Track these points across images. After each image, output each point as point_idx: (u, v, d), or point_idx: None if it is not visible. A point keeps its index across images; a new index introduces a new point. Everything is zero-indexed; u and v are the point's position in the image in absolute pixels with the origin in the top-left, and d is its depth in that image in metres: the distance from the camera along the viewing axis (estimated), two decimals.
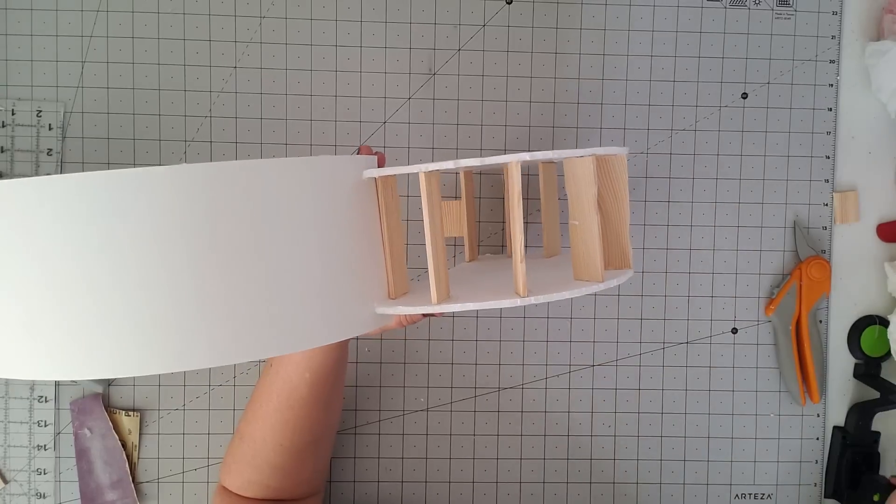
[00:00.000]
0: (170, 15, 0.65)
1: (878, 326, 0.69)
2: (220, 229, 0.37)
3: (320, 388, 0.55)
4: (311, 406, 0.56)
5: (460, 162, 0.44)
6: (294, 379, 0.55)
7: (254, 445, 0.57)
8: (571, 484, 0.69)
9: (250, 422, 0.57)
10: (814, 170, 0.69)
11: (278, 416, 0.56)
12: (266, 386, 0.56)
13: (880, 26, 0.68)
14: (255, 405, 0.57)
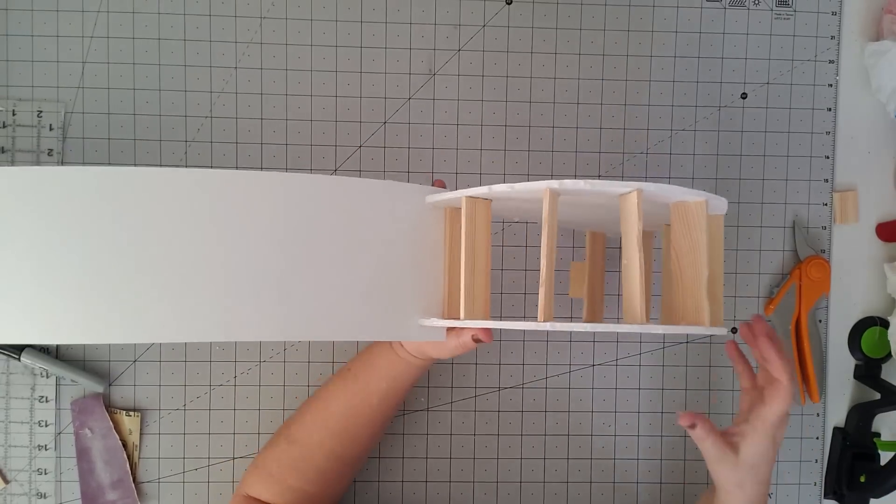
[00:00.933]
0: (170, 15, 0.65)
1: (878, 328, 0.69)
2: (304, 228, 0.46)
3: (389, 402, 0.59)
4: (375, 417, 0.59)
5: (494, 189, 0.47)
6: (371, 385, 0.58)
7: (307, 449, 0.58)
8: (571, 484, 0.69)
9: (306, 424, 0.59)
10: (813, 170, 0.69)
11: (343, 422, 0.58)
12: (338, 391, 0.59)
13: (880, 26, 0.68)
14: (317, 408, 0.59)
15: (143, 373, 0.66)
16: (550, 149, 0.68)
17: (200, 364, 0.66)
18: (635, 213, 0.44)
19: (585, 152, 0.68)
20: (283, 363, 0.67)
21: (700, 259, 0.46)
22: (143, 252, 0.44)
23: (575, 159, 0.68)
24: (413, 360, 0.57)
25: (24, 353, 0.64)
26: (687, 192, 0.46)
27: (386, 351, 0.58)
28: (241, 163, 0.66)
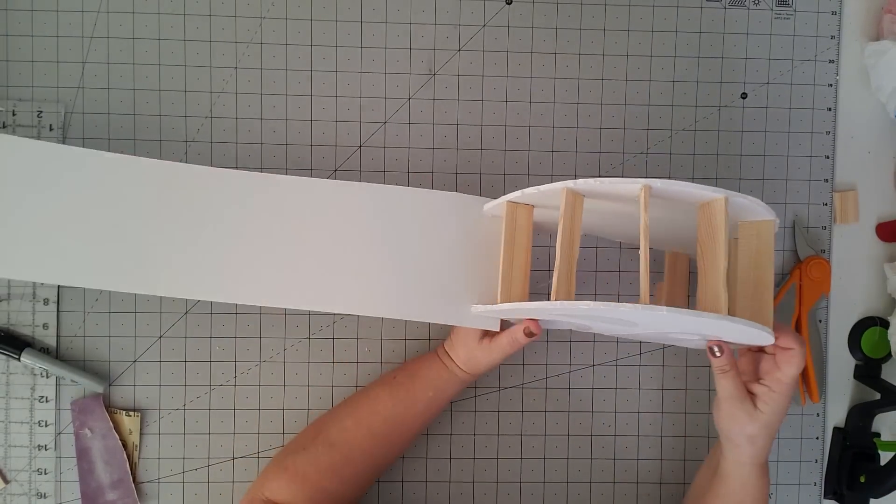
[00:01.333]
0: (170, 16, 0.65)
1: (878, 328, 0.69)
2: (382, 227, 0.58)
3: (432, 411, 0.61)
4: (416, 425, 0.61)
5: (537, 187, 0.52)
6: (418, 393, 0.60)
7: (349, 454, 0.59)
8: (571, 484, 0.69)
9: (350, 430, 0.60)
10: (813, 169, 0.69)
11: (386, 427, 0.60)
12: (383, 397, 0.61)
13: (880, 26, 0.68)
14: (363, 413, 0.60)
15: (143, 373, 0.66)
16: (550, 149, 0.68)
17: (200, 364, 0.66)
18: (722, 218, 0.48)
19: (585, 152, 0.68)
20: (283, 363, 0.67)
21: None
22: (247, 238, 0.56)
23: (575, 159, 0.68)
24: (460, 372, 0.60)
25: (25, 353, 0.64)
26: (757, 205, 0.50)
27: (434, 362, 0.61)
28: (241, 163, 0.66)
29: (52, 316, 0.65)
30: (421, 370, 0.61)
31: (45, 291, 0.65)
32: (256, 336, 0.67)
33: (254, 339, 0.67)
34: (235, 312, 0.66)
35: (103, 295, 0.65)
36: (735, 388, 0.53)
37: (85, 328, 0.66)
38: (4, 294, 0.65)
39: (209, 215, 0.56)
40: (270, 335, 0.67)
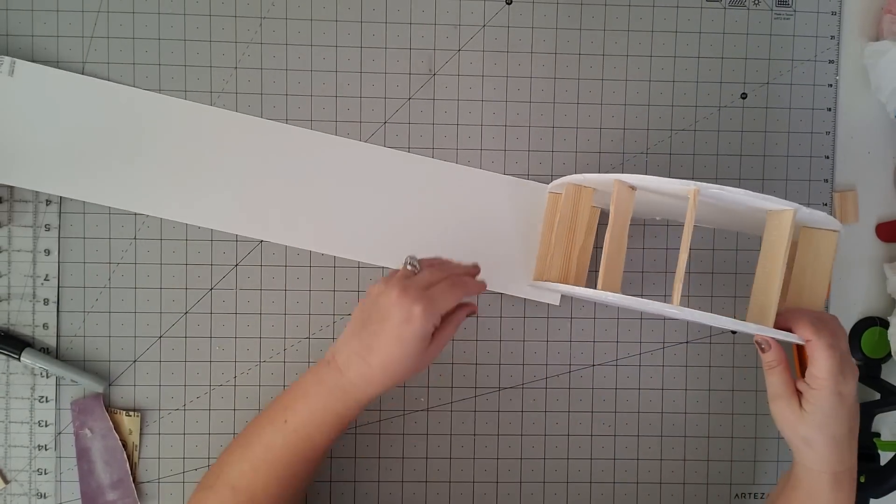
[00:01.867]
0: (170, 16, 0.65)
1: (878, 328, 0.69)
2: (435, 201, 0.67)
3: (335, 440, 0.55)
4: (321, 458, 0.56)
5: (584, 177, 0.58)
6: (316, 438, 0.54)
7: (252, 498, 0.54)
8: (571, 484, 0.69)
9: (247, 474, 0.54)
10: (813, 170, 0.69)
11: (289, 469, 0.54)
12: (279, 444, 0.54)
13: (879, 26, 0.68)
14: (258, 458, 0.54)
15: (143, 373, 0.66)
16: (550, 149, 0.68)
17: (200, 364, 0.66)
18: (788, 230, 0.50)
19: (585, 152, 0.68)
20: (283, 363, 0.67)
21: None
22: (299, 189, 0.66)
23: (575, 159, 0.68)
24: (369, 398, 0.53)
25: (24, 353, 0.64)
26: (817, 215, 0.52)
27: (329, 401, 0.53)
28: None
29: (51, 316, 0.65)
30: (315, 415, 0.54)
31: (46, 292, 0.65)
32: (256, 336, 0.67)
33: (254, 339, 0.67)
34: (235, 313, 0.66)
35: (103, 295, 0.65)
36: (779, 384, 0.52)
37: (85, 328, 0.66)
38: (4, 294, 0.65)
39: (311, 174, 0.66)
40: (270, 335, 0.67)
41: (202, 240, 0.66)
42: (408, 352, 0.50)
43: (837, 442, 0.51)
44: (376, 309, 0.52)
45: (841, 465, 0.52)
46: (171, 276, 0.66)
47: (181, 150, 0.65)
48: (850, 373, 0.51)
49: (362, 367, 0.52)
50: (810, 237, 0.54)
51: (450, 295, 0.52)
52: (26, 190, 0.64)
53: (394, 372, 0.51)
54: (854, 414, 0.52)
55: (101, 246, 0.65)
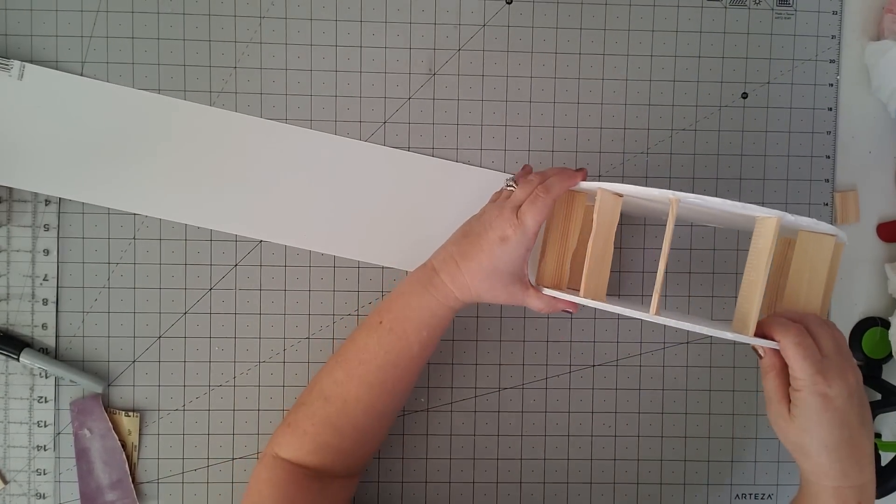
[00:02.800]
0: (169, 15, 0.65)
1: (879, 328, 0.69)
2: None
3: (428, 349, 0.58)
4: (414, 366, 0.58)
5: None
6: (410, 336, 0.56)
7: (343, 406, 0.57)
8: (571, 484, 0.68)
9: (341, 382, 0.57)
10: (814, 170, 0.69)
11: (380, 374, 0.56)
12: (372, 344, 0.57)
13: (880, 26, 0.68)
14: (352, 364, 0.57)
15: (143, 373, 0.66)
16: (551, 149, 0.67)
17: (200, 364, 0.66)
18: (771, 237, 0.49)
19: (585, 152, 0.68)
20: (283, 363, 0.67)
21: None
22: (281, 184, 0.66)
23: (575, 159, 0.68)
24: (456, 303, 0.56)
25: (24, 354, 0.63)
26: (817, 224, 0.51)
27: (424, 298, 0.56)
28: None
29: (51, 316, 0.65)
30: (410, 311, 0.56)
31: (45, 292, 0.65)
32: (256, 336, 0.67)
33: (253, 339, 0.67)
34: (235, 313, 0.66)
35: (102, 295, 0.65)
36: (772, 390, 0.51)
37: (84, 328, 0.65)
38: (3, 294, 0.65)
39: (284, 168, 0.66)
40: (270, 335, 0.67)
41: (201, 240, 0.66)
42: (497, 267, 0.54)
43: (832, 451, 0.49)
44: (479, 222, 0.56)
45: (845, 479, 0.49)
46: (171, 277, 0.66)
47: (181, 150, 0.65)
48: (837, 376, 0.48)
49: (454, 269, 0.55)
50: (806, 242, 0.52)
51: (534, 211, 0.54)
52: (25, 190, 0.64)
53: (480, 282, 0.54)
54: (847, 423, 0.49)
55: (101, 246, 0.65)
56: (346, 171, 0.66)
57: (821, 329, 0.50)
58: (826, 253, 0.52)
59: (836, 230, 0.51)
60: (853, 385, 0.49)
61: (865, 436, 0.50)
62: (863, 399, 0.50)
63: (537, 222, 0.53)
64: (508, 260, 0.54)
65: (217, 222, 0.66)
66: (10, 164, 0.63)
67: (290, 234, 0.66)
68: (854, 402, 0.49)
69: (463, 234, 0.57)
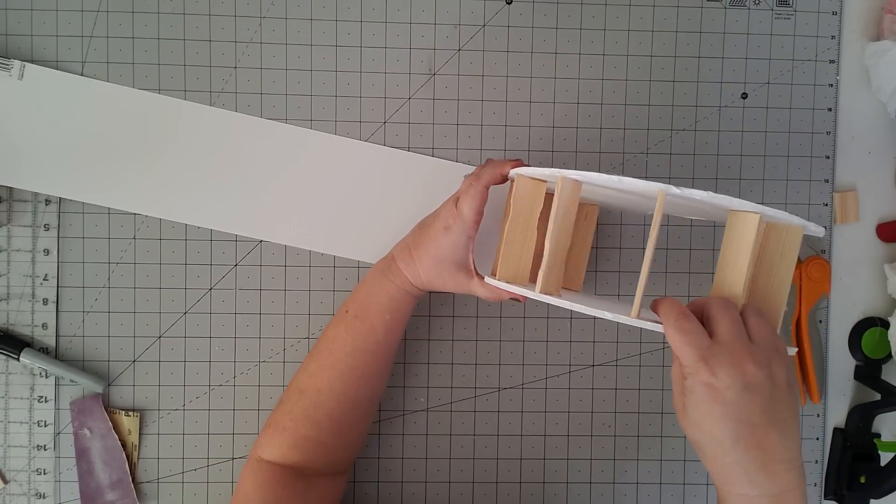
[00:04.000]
0: (170, 15, 0.65)
1: (878, 328, 0.69)
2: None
3: (393, 333, 0.60)
4: (381, 351, 0.59)
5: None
6: (375, 320, 0.59)
7: (317, 397, 0.58)
8: (571, 484, 0.69)
9: (314, 374, 0.59)
10: (814, 170, 0.69)
11: (350, 361, 0.58)
12: (341, 333, 0.59)
13: (880, 26, 0.68)
14: (323, 355, 0.59)
15: (143, 373, 0.66)
16: (551, 149, 0.68)
17: (200, 364, 0.66)
18: (752, 235, 0.45)
19: (585, 152, 0.68)
20: (283, 363, 0.67)
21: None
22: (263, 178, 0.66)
23: (575, 159, 0.68)
24: (414, 290, 0.59)
25: (24, 353, 0.63)
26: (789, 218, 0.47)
27: (385, 285, 0.59)
28: None
29: (51, 316, 0.65)
30: (372, 297, 0.59)
31: (45, 292, 0.65)
32: (256, 336, 0.67)
33: (253, 339, 0.67)
34: (235, 313, 0.66)
35: (102, 295, 0.65)
36: (673, 378, 0.46)
37: (84, 328, 0.65)
38: (4, 294, 0.65)
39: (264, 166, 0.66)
40: (270, 335, 0.67)
41: (202, 240, 0.66)
42: (443, 255, 0.56)
43: (728, 451, 0.43)
44: (432, 215, 0.59)
45: (751, 487, 0.43)
46: (171, 276, 0.66)
47: (181, 150, 0.65)
48: (726, 363, 0.42)
49: (408, 257, 0.58)
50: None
51: (468, 200, 0.55)
52: (25, 190, 0.64)
53: (429, 269, 0.57)
54: (744, 419, 0.42)
55: (101, 246, 0.65)
56: (346, 171, 0.66)
57: (721, 313, 0.44)
58: (749, 233, 0.45)
59: (763, 209, 0.45)
60: (752, 376, 0.42)
61: (777, 437, 0.43)
62: (776, 394, 0.43)
63: (472, 210, 0.55)
64: (452, 248, 0.56)
65: (217, 222, 0.66)
66: (10, 164, 0.64)
67: (290, 234, 0.66)
68: (756, 397, 0.42)
69: (419, 226, 0.60)
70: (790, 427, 0.44)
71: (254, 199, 0.66)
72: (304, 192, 0.66)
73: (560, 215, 0.50)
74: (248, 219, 0.66)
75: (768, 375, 0.43)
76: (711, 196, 0.44)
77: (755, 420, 0.42)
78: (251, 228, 0.66)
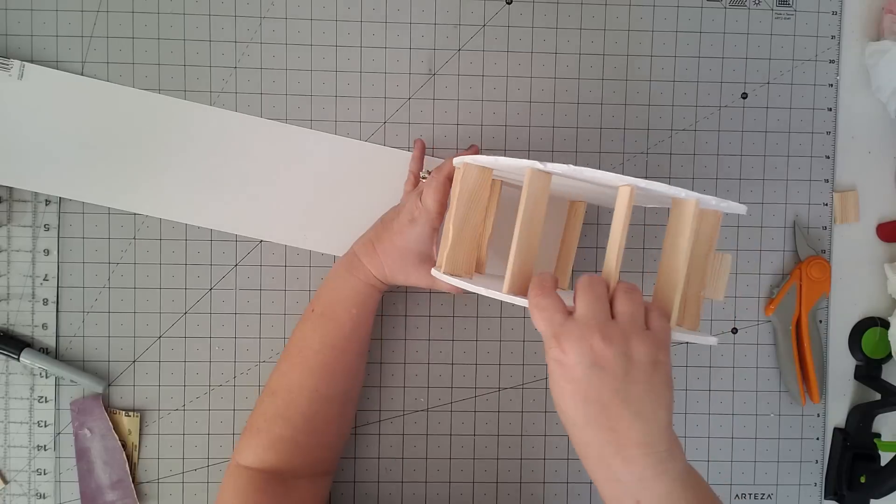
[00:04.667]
0: (170, 15, 0.65)
1: (878, 328, 0.69)
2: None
3: (361, 328, 0.60)
4: (351, 348, 0.60)
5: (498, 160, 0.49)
6: (341, 316, 0.59)
7: (288, 396, 0.58)
8: (571, 484, 0.69)
9: (285, 373, 0.60)
10: (814, 170, 0.69)
11: (319, 358, 0.59)
12: (308, 331, 0.60)
13: (880, 26, 0.68)
14: (293, 354, 0.60)
15: (143, 373, 0.66)
16: (551, 149, 0.68)
17: (200, 364, 0.66)
18: (625, 207, 0.43)
19: (585, 152, 0.68)
20: None
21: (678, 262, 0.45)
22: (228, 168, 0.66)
23: (575, 159, 0.68)
24: (378, 283, 0.60)
25: (24, 354, 0.63)
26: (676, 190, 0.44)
27: (348, 280, 0.60)
28: None
29: (51, 316, 0.65)
30: (337, 293, 0.60)
31: (45, 292, 0.65)
32: (256, 336, 0.67)
33: (253, 339, 0.67)
34: (235, 313, 0.66)
35: (102, 295, 0.65)
36: None
37: (84, 328, 0.65)
38: (4, 294, 0.65)
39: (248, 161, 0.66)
40: (270, 335, 0.67)
41: (202, 240, 0.66)
42: (407, 247, 0.57)
43: (582, 430, 0.41)
44: (394, 209, 0.61)
45: (608, 471, 0.41)
46: (171, 276, 0.66)
47: (181, 150, 0.65)
48: (574, 339, 0.41)
49: (371, 251, 0.59)
50: (707, 219, 0.46)
51: (430, 191, 0.56)
52: (26, 190, 0.64)
53: (392, 262, 0.58)
54: (594, 399, 0.41)
55: (101, 246, 0.65)
56: (346, 171, 0.66)
57: (583, 290, 0.43)
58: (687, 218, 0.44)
59: (632, 180, 0.43)
60: (600, 352, 0.40)
61: (632, 418, 0.41)
62: (633, 374, 0.41)
63: (435, 201, 0.56)
64: (417, 240, 0.57)
65: (217, 222, 0.66)
66: (10, 164, 0.64)
67: (290, 234, 0.66)
68: (605, 375, 0.40)
69: (380, 221, 0.61)
70: (648, 408, 0.41)
71: (254, 199, 0.66)
72: (304, 192, 0.66)
73: (465, 197, 0.51)
74: (248, 219, 0.66)
75: (622, 353, 0.41)
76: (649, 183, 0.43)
77: (605, 399, 0.40)
78: (251, 228, 0.66)
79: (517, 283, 0.47)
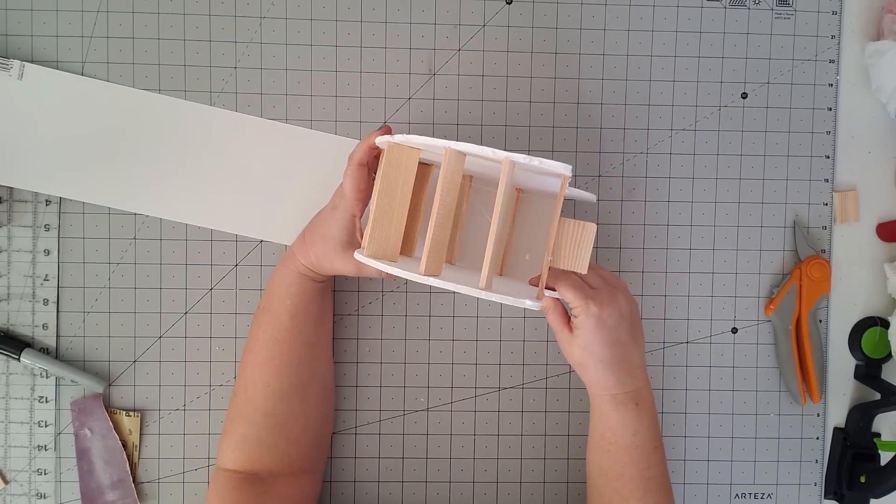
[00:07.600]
0: (170, 15, 0.65)
1: (878, 328, 0.69)
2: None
3: (301, 319, 0.60)
4: (294, 339, 0.60)
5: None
6: (278, 308, 0.60)
7: (245, 394, 0.60)
8: (571, 484, 0.69)
9: (241, 373, 0.61)
10: (813, 169, 0.69)
11: (264, 352, 0.60)
12: (255, 329, 0.61)
13: (880, 26, 0.68)
14: (245, 354, 0.61)
15: (143, 373, 0.66)
16: (551, 149, 0.68)
17: (200, 364, 0.66)
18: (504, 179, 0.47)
19: (585, 152, 0.68)
20: None
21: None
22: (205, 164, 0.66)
23: (575, 159, 0.68)
24: (311, 274, 0.60)
25: (24, 354, 0.63)
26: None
27: (283, 272, 0.61)
28: None
29: (51, 316, 0.65)
30: (274, 287, 0.61)
31: (45, 292, 0.65)
32: None
33: None
34: (235, 313, 0.66)
35: (103, 295, 0.65)
36: (556, 322, 0.57)
37: (84, 328, 0.65)
38: (4, 294, 0.65)
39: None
40: None
41: (202, 240, 0.66)
42: (331, 234, 0.58)
43: (607, 365, 0.56)
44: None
45: (619, 387, 0.57)
46: (171, 276, 0.66)
47: (181, 150, 0.65)
48: (606, 300, 0.55)
49: (301, 242, 0.61)
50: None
51: (347, 177, 0.57)
52: (26, 190, 0.64)
53: (318, 248, 0.59)
54: (619, 340, 0.56)
55: (101, 246, 0.65)
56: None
57: (589, 273, 0.57)
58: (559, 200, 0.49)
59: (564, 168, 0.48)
60: (623, 308, 0.56)
61: (636, 350, 0.58)
62: (633, 319, 0.57)
63: (351, 187, 0.56)
64: (339, 227, 0.58)
65: (217, 222, 0.66)
66: (10, 164, 0.64)
67: (290, 234, 0.66)
68: (624, 322, 0.56)
69: (317, 215, 0.61)
70: (641, 340, 0.59)
71: (254, 199, 0.66)
72: (305, 192, 0.66)
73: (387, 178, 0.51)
74: (248, 219, 0.66)
75: (628, 305, 0.57)
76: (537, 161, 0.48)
77: (625, 340, 0.56)
78: (251, 228, 0.66)
79: (434, 264, 0.49)
